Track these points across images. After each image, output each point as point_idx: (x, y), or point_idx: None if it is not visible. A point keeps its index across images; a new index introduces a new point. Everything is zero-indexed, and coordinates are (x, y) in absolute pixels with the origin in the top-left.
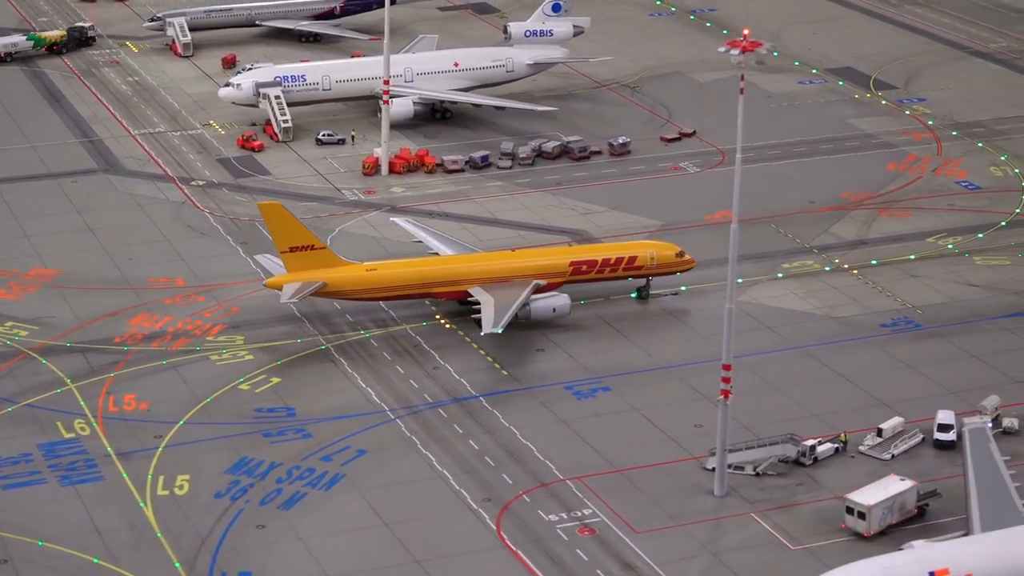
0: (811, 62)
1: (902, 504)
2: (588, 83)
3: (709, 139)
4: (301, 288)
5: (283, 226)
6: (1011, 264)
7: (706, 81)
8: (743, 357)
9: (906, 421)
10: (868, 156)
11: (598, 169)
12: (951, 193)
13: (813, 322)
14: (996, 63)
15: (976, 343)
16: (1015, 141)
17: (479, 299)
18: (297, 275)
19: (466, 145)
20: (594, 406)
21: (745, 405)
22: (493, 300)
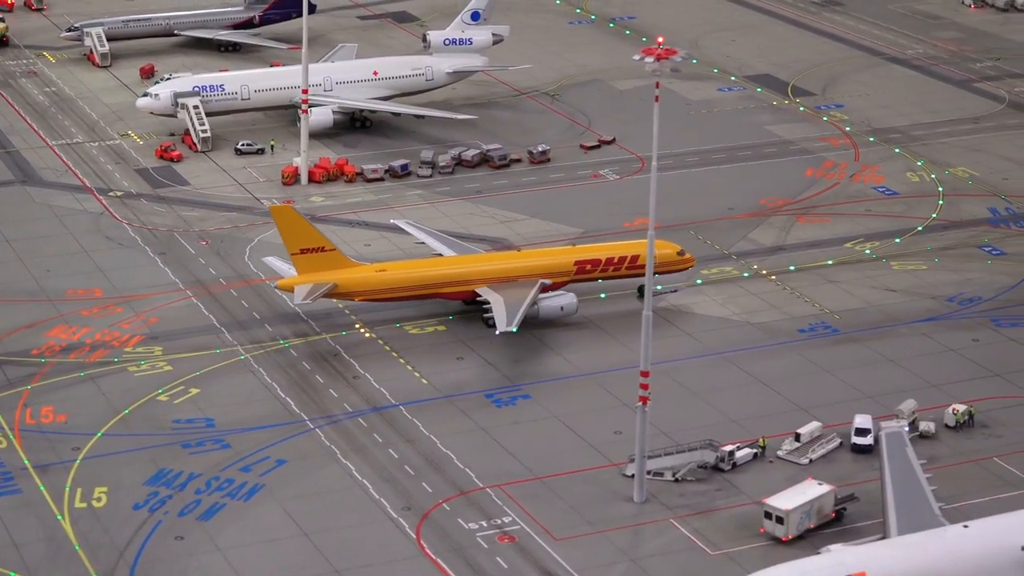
0: (730, 69)
1: (820, 508)
2: (508, 91)
3: (628, 146)
4: (313, 290)
5: (294, 229)
6: (928, 269)
7: (626, 89)
8: (662, 363)
9: (824, 426)
10: (786, 162)
11: (518, 177)
12: (868, 199)
13: (732, 328)
14: (912, 69)
15: (893, 348)
16: (931, 147)
17: (488, 299)
18: (308, 277)
19: (386, 154)
20: (514, 414)
21: (664, 411)
22: (503, 299)
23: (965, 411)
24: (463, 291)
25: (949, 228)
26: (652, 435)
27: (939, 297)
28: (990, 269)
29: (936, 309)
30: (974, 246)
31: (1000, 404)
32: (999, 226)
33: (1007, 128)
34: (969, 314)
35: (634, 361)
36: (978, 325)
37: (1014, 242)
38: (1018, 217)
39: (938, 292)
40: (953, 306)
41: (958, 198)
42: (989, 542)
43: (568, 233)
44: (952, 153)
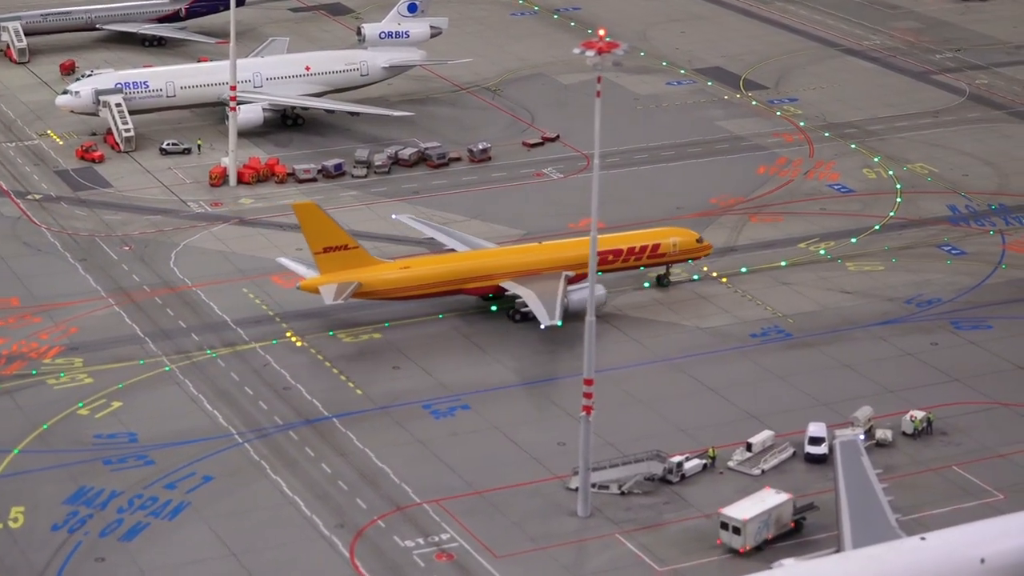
0: (679, 62)
1: (778, 518)
2: (447, 86)
3: (573, 143)
4: (340, 289)
5: (318, 227)
6: (885, 270)
7: (570, 83)
8: (607, 371)
9: (776, 435)
10: (738, 159)
11: (458, 176)
12: (823, 197)
13: (680, 333)
14: (869, 61)
15: (848, 352)
16: (889, 142)
17: (518, 293)
18: (331, 276)
19: (319, 153)
20: (452, 425)
21: (609, 421)
22: (534, 293)
23: (923, 418)
24: (488, 286)
25: (907, 227)
26: (597, 446)
27: (896, 299)
28: (950, 269)
29: (893, 312)
30: (933, 245)
31: (960, 410)
32: (959, 224)
33: (967, 122)
34: (928, 317)
35: (578, 369)
36: (937, 328)
37: (974, 241)
38: (978, 215)
39: (895, 294)
40: (911, 308)
41: (916, 195)
42: (947, 554)
43: (510, 235)
44: (910, 148)
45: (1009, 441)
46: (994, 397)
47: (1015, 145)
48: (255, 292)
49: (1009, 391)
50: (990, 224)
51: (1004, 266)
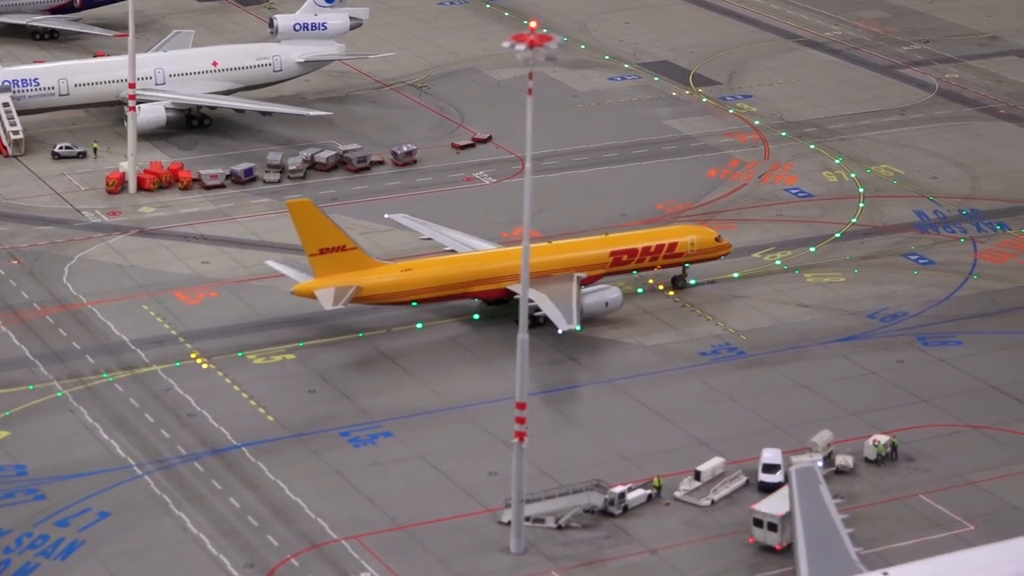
0: (623, 56)
1: None
2: (368, 83)
3: (507, 145)
4: (339, 293)
5: (313, 226)
6: (846, 281)
7: (504, 79)
8: (542, 393)
9: (727, 462)
10: (687, 161)
11: (380, 181)
12: (779, 202)
13: (623, 351)
14: (830, 54)
15: (806, 371)
16: (851, 142)
17: (531, 298)
18: (327, 280)
19: (227, 157)
20: (373, 454)
21: (545, 448)
22: (548, 297)
23: (887, 442)
24: (494, 289)
25: (871, 234)
26: (531, 476)
27: (859, 313)
28: (917, 280)
29: (855, 327)
30: (899, 255)
31: (927, 434)
32: (927, 231)
33: (936, 120)
34: (893, 332)
35: (510, 391)
36: (903, 344)
37: (943, 250)
38: (948, 221)
39: (858, 307)
40: (875, 323)
41: (881, 200)
42: None
43: (438, 245)
44: (875, 149)
45: (981, 467)
46: (965, 419)
47: (988, 145)
48: (157, 310)
49: (981, 412)
50: (960, 231)
51: (975, 276)
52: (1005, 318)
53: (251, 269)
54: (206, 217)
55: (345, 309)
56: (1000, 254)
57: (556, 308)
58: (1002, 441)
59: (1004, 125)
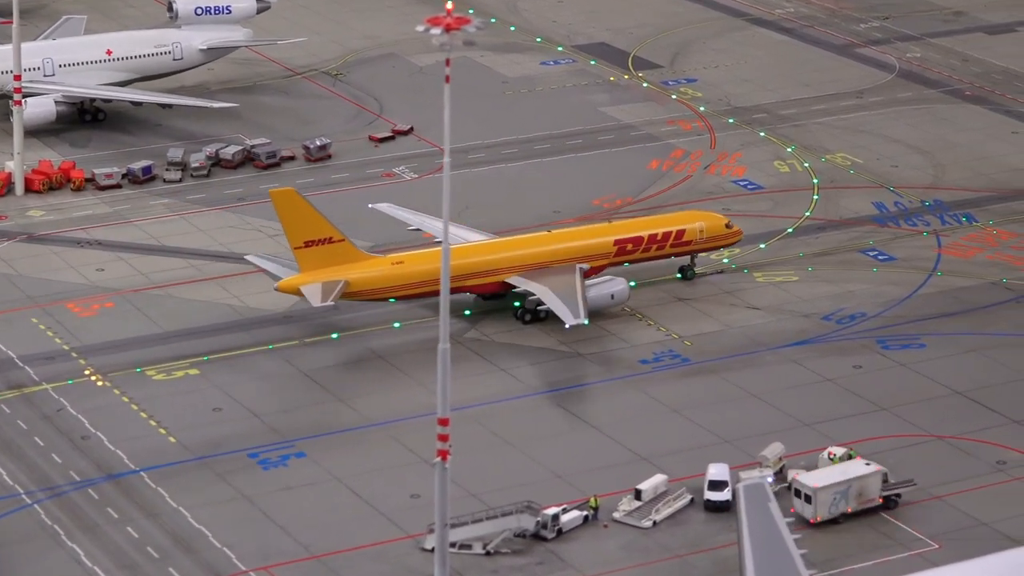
0: (556, 38)
1: (861, 491)
2: (278, 71)
3: (430, 137)
4: (328, 289)
5: (298, 217)
6: (799, 281)
7: (426, 64)
8: (469, 408)
9: (670, 479)
10: (626, 152)
11: (291, 179)
12: (727, 195)
13: (557, 360)
14: (782, 33)
15: (756, 379)
16: (805, 129)
17: (530, 290)
18: (314, 275)
19: (124, 154)
20: (285, 477)
21: (472, 467)
22: (550, 290)
23: (844, 455)
24: (492, 282)
25: (826, 229)
26: (457, 498)
27: (813, 315)
28: (876, 278)
29: (809, 330)
30: (856, 251)
31: (887, 445)
32: (886, 225)
33: (897, 103)
34: (850, 335)
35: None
36: (861, 348)
37: (904, 244)
38: (910, 213)
39: (812, 309)
40: (830, 325)
41: (837, 192)
42: None
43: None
44: (830, 136)
45: (946, 480)
46: (928, 429)
47: (953, 129)
48: (47, 322)
49: (945, 421)
50: (923, 224)
51: (939, 273)
52: (971, 318)
53: (150, 277)
54: (101, 220)
55: (259, 318)
56: (966, 249)
57: (560, 301)
58: (969, 452)
59: (970, 108)
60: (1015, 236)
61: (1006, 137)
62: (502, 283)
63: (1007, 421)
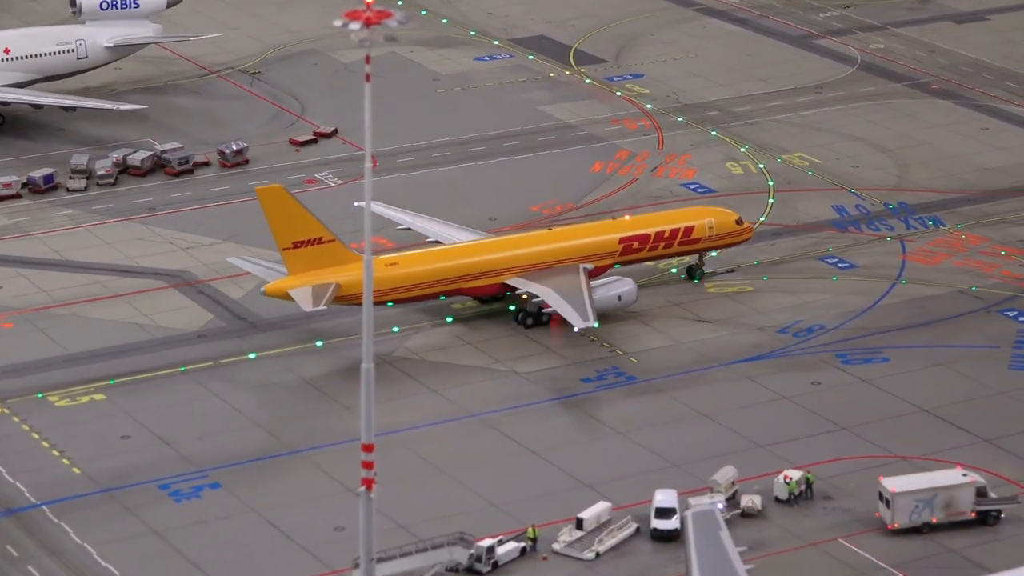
0: (492, 31)
1: (949, 502)
2: (190, 70)
3: (356, 140)
4: (319, 293)
5: (286, 216)
6: (753, 291)
7: (351, 61)
8: (396, 432)
9: (614, 507)
10: (567, 154)
11: (205, 186)
12: (676, 199)
13: (493, 380)
14: (735, 23)
15: (707, 398)
16: (759, 127)
17: (532, 292)
18: (303, 277)
19: (24, 162)
20: (199, 509)
21: (400, 497)
22: (554, 291)
23: (801, 478)
24: (490, 284)
25: (782, 235)
26: (384, 530)
27: (768, 328)
28: (835, 288)
29: (764, 344)
30: (815, 258)
31: (848, 467)
32: (847, 230)
33: (859, 99)
34: (808, 349)
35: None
36: (820, 363)
37: (866, 251)
38: (872, 217)
39: (767, 321)
40: (787, 339)
41: (794, 195)
42: None
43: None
44: (786, 134)
45: None
46: (892, 449)
47: (918, 126)
48: None
49: (910, 441)
50: (887, 228)
51: (904, 281)
52: (938, 329)
53: (52, 294)
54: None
55: (170, 338)
56: (932, 255)
57: (567, 304)
58: None
59: (937, 103)
60: (985, 240)
61: (975, 134)
62: (501, 285)
63: (977, 440)
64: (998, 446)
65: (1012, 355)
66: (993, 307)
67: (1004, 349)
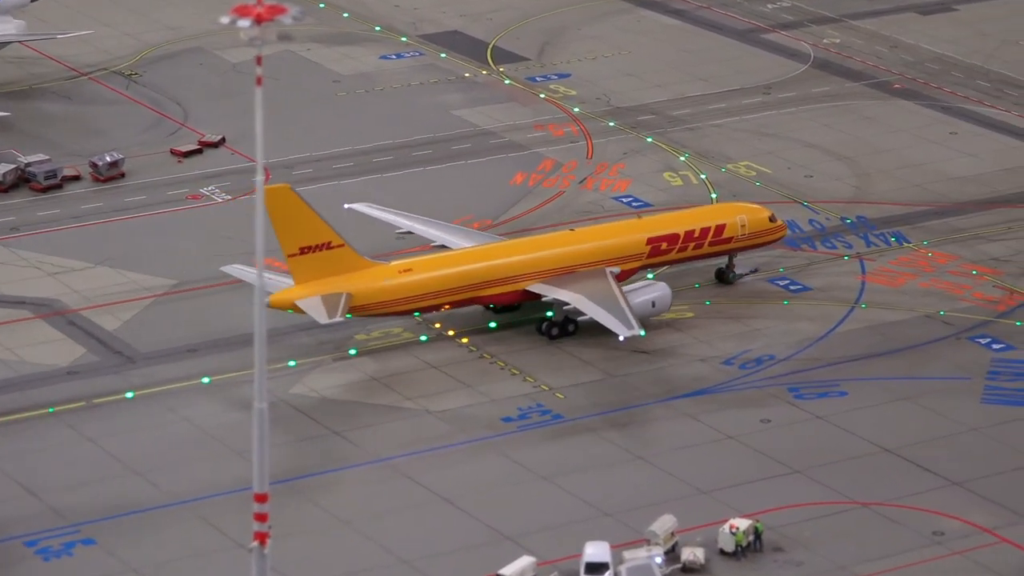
0: (399, 26)
1: None
2: (59, 72)
3: (246, 150)
4: (330, 303)
5: (293, 219)
6: (695, 316)
7: (241, 61)
8: (292, 480)
9: (539, 562)
10: (484, 164)
11: (75, 204)
12: (607, 214)
13: (403, 420)
14: (672, 16)
15: (644, 438)
16: (701, 132)
17: (563, 299)
18: (312, 287)
19: None
20: (70, 569)
21: (298, 552)
22: (587, 298)
23: (749, 528)
24: (511, 291)
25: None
26: None
27: (712, 359)
28: (787, 313)
29: (707, 377)
30: (763, 279)
31: (801, 515)
32: (800, 248)
33: (812, 100)
34: (757, 382)
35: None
36: (769, 398)
37: (822, 271)
38: (827, 233)
39: (711, 351)
40: (733, 371)
41: None
42: None
43: (154, 287)
44: (731, 141)
45: (871, 556)
46: (851, 495)
47: (879, 131)
48: None
49: (870, 484)
50: (844, 246)
51: (864, 305)
52: (902, 359)
53: None
54: None
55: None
56: (895, 275)
57: (605, 311)
58: (898, 521)
59: (900, 104)
60: (954, 259)
61: (943, 139)
62: (523, 292)
63: (945, 483)
64: (969, 489)
65: (984, 387)
66: (963, 334)
67: (976, 381)
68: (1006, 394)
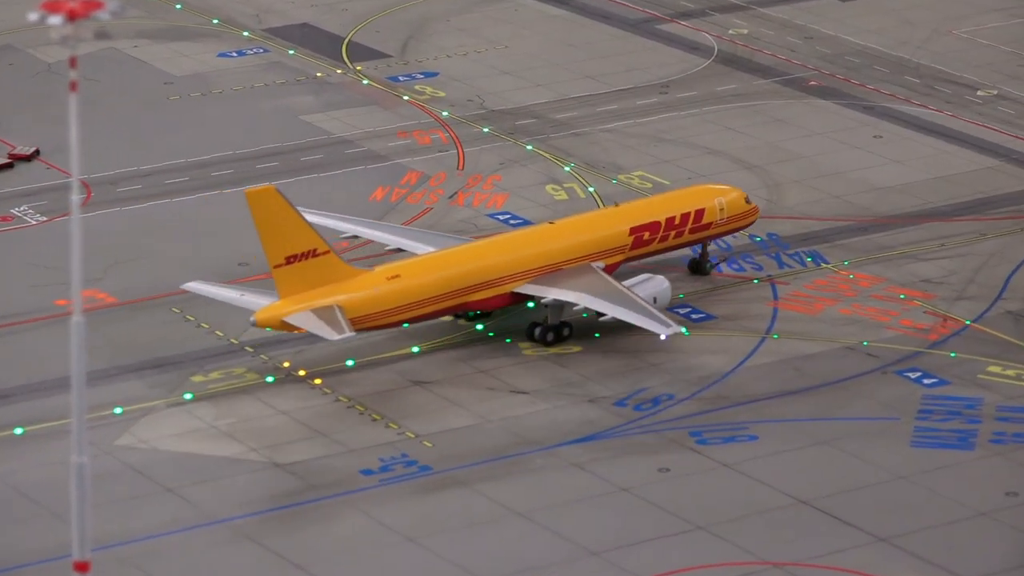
0: (241, 20)
1: None
2: None
3: (63, 164)
4: (327, 317)
5: (280, 225)
6: (582, 351)
7: (57, 60)
8: (119, 546)
9: None
10: (339, 177)
11: None
12: (481, 233)
13: (246, 474)
14: (555, 5)
15: (523, 492)
16: (589, 138)
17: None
18: (299, 300)
19: None
20: None
21: None
22: (590, 296)
23: None
24: (499, 295)
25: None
26: None
27: (602, 399)
28: (688, 346)
29: (597, 420)
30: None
31: None
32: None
33: (716, 99)
34: (654, 426)
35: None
36: (669, 444)
37: (727, 297)
38: (734, 254)
39: (600, 391)
40: (626, 413)
41: None
42: None
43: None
44: (623, 148)
45: None
46: (762, 554)
47: (793, 134)
48: None
49: (784, 541)
50: (753, 267)
51: (775, 336)
52: (819, 397)
53: None
54: None
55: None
56: (812, 301)
57: (629, 310)
58: None
59: (816, 104)
60: (879, 281)
61: (867, 143)
62: (511, 295)
63: (871, 540)
64: (896, 546)
65: (914, 429)
66: (890, 367)
67: (904, 421)
68: (939, 436)
